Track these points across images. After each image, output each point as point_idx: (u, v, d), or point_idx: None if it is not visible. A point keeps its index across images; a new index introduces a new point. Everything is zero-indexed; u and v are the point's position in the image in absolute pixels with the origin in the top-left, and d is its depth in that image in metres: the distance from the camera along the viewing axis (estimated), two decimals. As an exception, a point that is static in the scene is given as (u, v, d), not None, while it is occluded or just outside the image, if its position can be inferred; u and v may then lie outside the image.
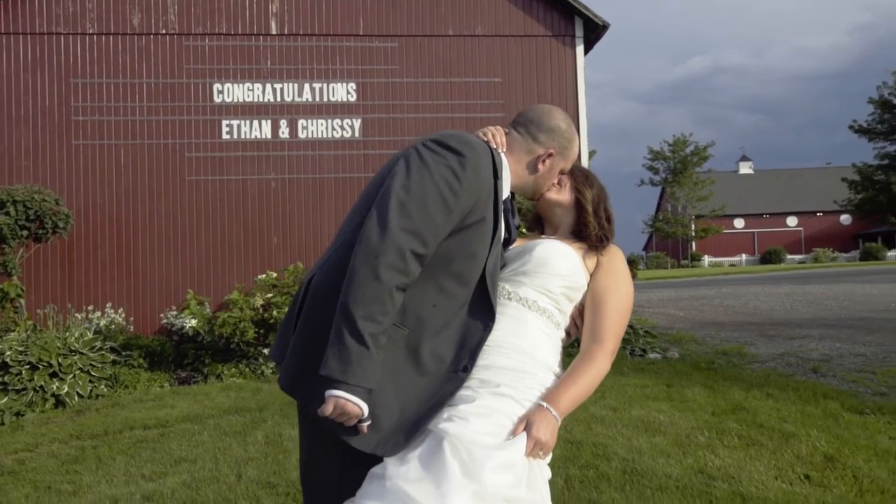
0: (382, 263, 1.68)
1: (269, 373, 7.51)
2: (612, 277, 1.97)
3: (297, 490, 3.89)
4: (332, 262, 1.91)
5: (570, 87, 9.80)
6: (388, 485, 1.61)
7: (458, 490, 1.54)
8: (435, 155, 1.83)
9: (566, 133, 2.06)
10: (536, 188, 2.09)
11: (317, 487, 1.98)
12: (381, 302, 1.67)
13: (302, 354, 1.86)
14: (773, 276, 27.21)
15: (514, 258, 2.01)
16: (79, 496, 4.19)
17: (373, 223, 1.75)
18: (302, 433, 2.03)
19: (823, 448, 4.14)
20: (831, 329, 9.49)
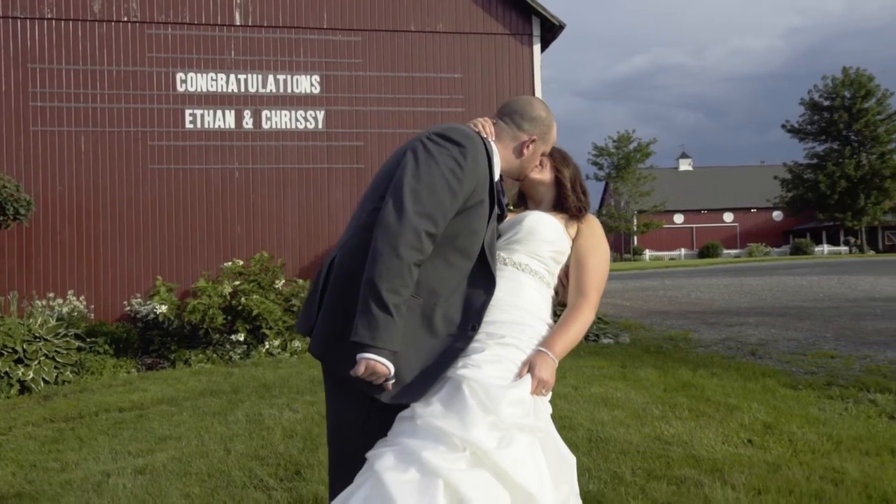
0: (402, 243, 1.96)
1: (237, 358, 7.66)
2: (591, 241, 2.32)
3: (287, 461, 4.14)
4: (352, 245, 2.18)
5: (527, 84, 10.16)
6: (420, 423, 1.90)
7: (478, 421, 1.85)
8: (439, 147, 2.11)
9: (546, 121, 2.37)
10: (522, 170, 2.39)
11: (343, 445, 2.23)
12: (402, 276, 1.95)
13: (329, 324, 2.12)
14: (712, 269, 28.38)
15: (507, 229, 2.33)
16: (68, 472, 4.32)
17: (390, 209, 2.03)
18: (329, 396, 2.29)
19: (763, 417, 4.60)
20: (766, 317, 10.16)
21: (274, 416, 5.17)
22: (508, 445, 1.84)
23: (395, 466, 1.82)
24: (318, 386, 6.17)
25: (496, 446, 1.83)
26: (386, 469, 1.81)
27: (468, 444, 1.82)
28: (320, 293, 2.21)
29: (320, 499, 3.50)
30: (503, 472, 1.79)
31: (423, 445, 1.84)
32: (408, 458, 1.83)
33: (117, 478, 4.08)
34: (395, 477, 1.78)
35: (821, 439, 4.11)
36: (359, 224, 2.21)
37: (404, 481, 1.77)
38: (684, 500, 3.23)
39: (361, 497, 1.81)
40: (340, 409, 2.24)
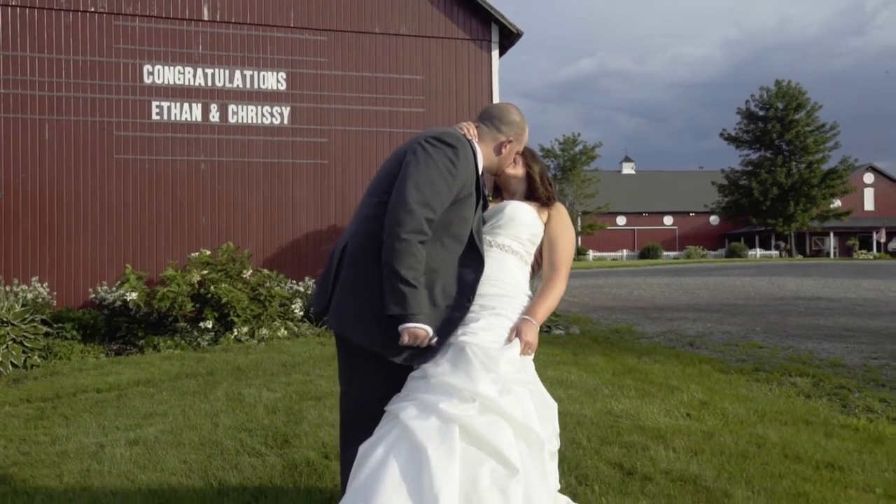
0: (408, 229, 2.38)
1: (206, 344, 7.90)
2: (560, 225, 2.79)
3: (274, 432, 4.48)
4: (361, 233, 2.59)
5: (485, 87, 10.63)
6: (433, 381, 2.33)
7: (482, 377, 2.29)
8: (436, 148, 2.54)
9: (520, 124, 2.82)
10: (500, 166, 2.84)
11: (359, 405, 2.63)
12: (413, 255, 2.38)
13: (346, 303, 2.52)
14: (652, 269, 29.52)
15: (491, 216, 2.78)
16: (60, 445, 4.56)
17: (396, 201, 2.45)
18: (344, 366, 2.69)
19: (700, 396, 5.17)
20: (703, 312, 10.90)
21: (253, 395, 5.49)
22: (508, 394, 2.29)
23: (418, 416, 2.23)
24: (292, 369, 6.51)
25: (498, 396, 2.27)
26: (410, 418, 2.22)
27: (476, 396, 2.26)
28: (333, 276, 2.61)
29: (312, 463, 3.87)
30: (507, 415, 2.24)
31: (438, 399, 2.27)
32: (427, 409, 2.25)
33: (112, 448, 4.35)
34: (419, 424, 2.20)
35: (748, 413, 4.70)
36: (366, 214, 2.61)
37: (426, 427, 2.19)
38: (633, 460, 3.74)
39: (390, 441, 2.22)
40: (356, 375, 2.64)
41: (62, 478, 3.89)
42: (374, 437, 2.30)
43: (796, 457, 3.75)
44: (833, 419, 4.55)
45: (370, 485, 2.14)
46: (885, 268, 22.10)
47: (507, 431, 2.22)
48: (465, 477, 2.14)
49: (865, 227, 51.31)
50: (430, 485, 2.07)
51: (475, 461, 2.17)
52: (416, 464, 2.14)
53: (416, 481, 2.11)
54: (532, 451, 2.29)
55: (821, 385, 5.61)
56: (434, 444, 2.15)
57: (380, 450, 2.22)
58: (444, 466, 2.11)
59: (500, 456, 2.18)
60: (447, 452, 2.14)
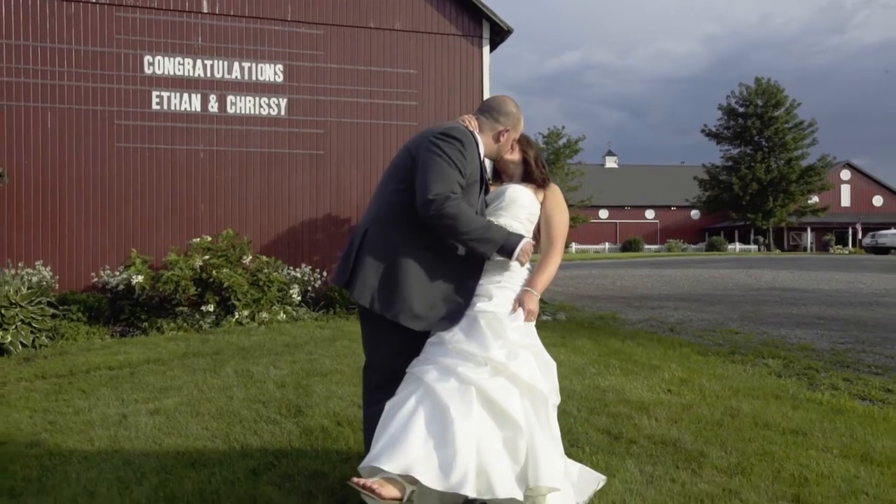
0: (443, 210, 2.71)
1: (207, 327, 8.19)
2: (555, 204, 3.14)
3: (287, 403, 4.82)
4: (381, 218, 2.92)
5: (476, 82, 10.97)
6: (450, 347, 2.68)
7: (493, 344, 2.64)
8: (447, 143, 2.88)
9: (516, 115, 3.18)
10: (499, 153, 3.19)
11: (380, 371, 2.97)
12: (458, 218, 2.71)
13: (371, 279, 2.86)
14: (635, 261, 30.08)
15: (493, 199, 3.13)
16: (83, 415, 4.86)
17: (421, 198, 2.76)
18: (367, 335, 3.03)
19: (679, 374, 5.58)
20: (683, 302, 11.35)
21: (262, 372, 5.82)
22: (515, 358, 2.64)
23: (439, 378, 2.58)
24: (295, 349, 6.83)
25: (507, 360, 2.63)
26: (433, 380, 2.57)
27: (489, 360, 2.61)
28: (355, 254, 2.95)
29: (326, 429, 4.21)
30: (515, 376, 2.59)
31: (456, 363, 2.61)
32: (447, 373, 2.60)
33: (135, 417, 4.67)
34: (441, 386, 2.54)
35: (723, 389, 5.11)
36: (386, 200, 2.95)
37: (448, 388, 2.54)
38: (619, 427, 4.12)
39: (416, 399, 2.55)
40: (379, 342, 2.99)
41: (93, 442, 4.20)
42: (401, 396, 2.63)
43: (765, 424, 4.15)
44: (800, 394, 4.97)
45: (399, 436, 2.46)
46: (858, 262, 22.77)
47: (514, 394, 2.58)
48: (478, 432, 2.50)
49: (842, 222, 52.35)
50: (452, 439, 2.42)
51: (487, 420, 2.54)
52: (440, 419, 2.49)
53: (439, 435, 2.45)
54: (537, 406, 2.66)
55: (791, 366, 6.03)
56: (455, 402, 2.50)
57: (407, 406, 2.55)
58: (464, 424, 2.46)
59: (507, 416, 2.55)
60: (466, 411, 2.50)
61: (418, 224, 2.82)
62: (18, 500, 3.36)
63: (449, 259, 2.89)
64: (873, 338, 7.41)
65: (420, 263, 2.82)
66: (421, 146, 2.90)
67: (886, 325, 8.25)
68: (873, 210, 55.87)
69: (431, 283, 2.84)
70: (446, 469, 2.39)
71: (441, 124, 3.00)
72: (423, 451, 2.41)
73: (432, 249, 2.86)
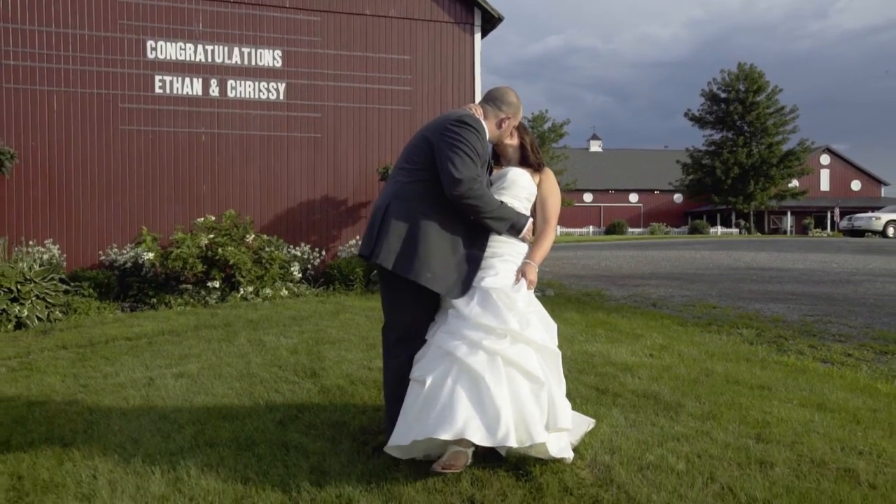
0: (468, 192, 3.14)
1: (214, 302, 8.58)
2: (549, 186, 3.58)
3: (302, 367, 5.24)
4: (401, 193, 3.33)
5: (468, 68, 11.34)
6: (471, 321, 3.10)
7: (507, 316, 3.07)
8: (463, 129, 3.30)
9: (517, 104, 3.60)
10: (500, 138, 3.62)
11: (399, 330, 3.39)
12: (482, 198, 3.16)
13: (395, 248, 3.26)
14: (619, 243, 30.67)
15: (495, 180, 3.55)
16: (112, 378, 5.26)
17: (448, 179, 3.17)
18: (388, 298, 3.43)
19: (660, 342, 6.06)
20: (665, 280, 11.87)
21: (273, 341, 6.24)
22: (528, 325, 3.09)
23: (469, 353, 3.01)
24: (301, 321, 7.25)
25: (522, 328, 3.07)
26: (464, 356, 3.00)
27: (507, 332, 3.05)
28: (378, 227, 3.36)
29: (342, 387, 4.65)
30: (531, 341, 3.04)
31: (479, 336, 3.05)
32: (475, 346, 3.03)
33: (162, 380, 5.08)
34: (472, 359, 2.98)
35: (700, 353, 5.60)
36: (406, 181, 3.35)
37: (479, 361, 2.98)
38: (606, 384, 4.60)
39: (454, 376, 2.97)
40: (398, 305, 3.39)
41: (127, 401, 4.61)
42: (439, 374, 3.02)
43: (736, 381, 4.65)
44: (769, 358, 5.47)
45: (447, 409, 2.91)
46: (834, 244, 23.47)
47: (532, 356, 3.04)
48: (510, 393, 2.96)
49: (821, 206, 53.34)
50: (491, 403, 2.89)
51: (515, 381, 2.99)
52: (478, 388, 2.94)
53: (480, 402, 2.92)
54: (549, 362, 3.13)
55: (762, 335, 6.54)
56: (487, 372, 2.95)
57: (448, 383, 2.98)
58: (498, 389, 2.93)
59: (530, 375, 3.01)
60: (498, 378, 2.96)
61: (433, 200, 3.25)
62: (70, 448, 3.76)
63: (459, 231, 3.32)
64: (840, 311, 7.95)
65: (436, 234, 3.25)
66: (439, 132, 3.29)
67: (853, 300, 8.79)
68: (852, 194, 56.92)
69: (445, 251, 3.27)
70: (492, 429, 2.86)
71: (454, 111, 3.41)
72: (471, 417, 2.88)
73: (446, 223, 3.28)
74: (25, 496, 3.21)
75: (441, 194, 3.21)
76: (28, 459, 3.63)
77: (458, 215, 3.29)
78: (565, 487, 2.98)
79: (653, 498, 2.84)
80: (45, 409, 4.52)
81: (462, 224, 3.32)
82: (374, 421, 3.94)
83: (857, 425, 3.70)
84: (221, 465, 3.36)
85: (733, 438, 3.50)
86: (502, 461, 3.22)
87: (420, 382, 3.08)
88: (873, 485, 2.94)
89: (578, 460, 3.25)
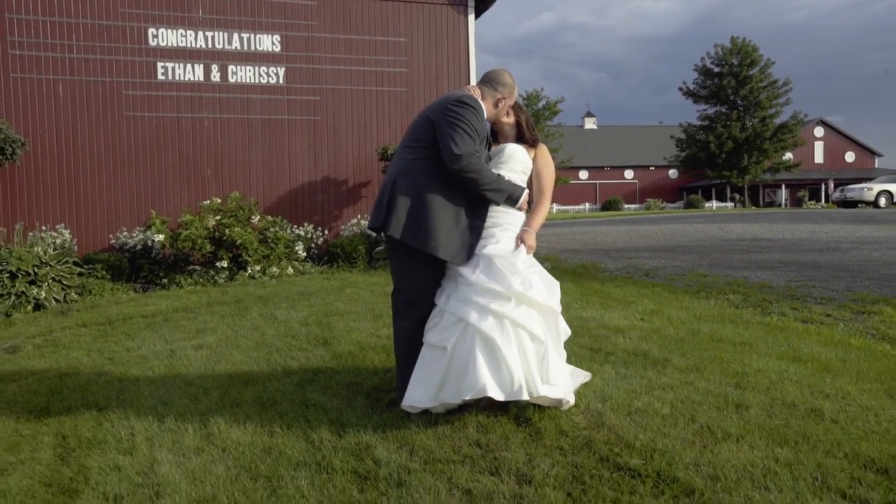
0: (466, 166, 3.45)
1: (222, 281, 8.89)
2: (544, 160, 3.88)
3: (314, 336, 5.57)
4: (408, 170, 3.62)
5: (462, 48, 11.58)
6: (478, 287, 3.41)
7: (511, 280, 3.39)
8: (465, 108, 3.60)
9: (511, 85, 3.89)
10: (497, 116, 3.92)
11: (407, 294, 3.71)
12: (480, 172, 3.47)
13: (404, 219, 3.57)
14: (614, 219, 31.02)
15: (494, 155, 3.86)
16: (135, 351, 5.59)
17: (449, 155, 3.48)
18: (396, 265, 3.75)
19: (651, 307, 6.41)
20: (658, 252, 12.21)
21: (284, 315, 6.56)
22: (530, 287, 3.41)
23: (480, 318, 3.33)
24: (309, 297, 7.57)
25: (525, 290, 3.39)
26: (476, 321, 3.31)
27: (512, 294, 3.37)
28: (388, 201, 3.67)
29: (353, 353, 4.98)
30: (534, 302, 3.37)
31: (487, 301, 3.36)
32: (484, 311, 3.35)
33: (183, 352, 5.41)
34: (483, 324, 3.30)
35: (688, 316, 5.95)
36: (411, 158, 3.66)
37: (489, 324, 3.30)
38: (599, 344, 4.94)
39: (468, 341, 3.31)
40: (406, 271, 3.71)
41: (153, 370, 4.94)
42: (458, 340, 3.35)
43: (720, 339, 4.99)
44: (753, 319, 5.82)
45: (466, 372, 3.27)
46: (826, 215, 23.81)
47: (535, 316, 3.37)
48: (518, 352, 3.29)
49: (815, 178, 53.68)
50: (505, 364, 3.25)
51: (523, 340, 3.33)
52: (491, 350, 3.28)
53: (495, 363, 3.27)
54: (549, 320, 3.46)
55: (748, 300, 6.88)
56: (497, 335, 3.28)
57: (464, 348, 3.32)
58: (509, 349, 3.28)
59: (533, 335, 3.35)
60: (508, 338, 3.30)
61: (436, 174, 3.56)
62: (105, 412, 4.09)
63: (461, 203, 3.63)
64: (824, 276, 8.29)
65: (440, 206, 3.56)
66: (440, 112, 3.59)
67: (838, 266, 9.14)
68: (846, 166, 57.25)
69: (449, 222, 3.58)
70: (507, 385, 3.25)
71: (454, 93, 3.71)
72: (488, 376, 3.24)
73: (449, 195, 3.59)
74: (72, 452, 3.54)
75: (443, 169, 3.52)
76: (69, 422, 3.96)
77: (460, 188, 3.59)
78: (561, 430, 3.32)
79: (639, 436, 3.18)
80: (77, 379, 4.85)
81: (464, 196, 3.62)
82: (385, 381, 4.28)
83: (828, 373, 4.05)
84: (248, 422, 3.70)
85: (714, 387, 3.84)
86: (506, 409, 3.57)
87: (441, 349, 3.40)
88: (835, 420, 3.29)
89: (573, 408, 3.59)
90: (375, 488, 2.89)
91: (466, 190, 3.61)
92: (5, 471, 3.37)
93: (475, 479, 2.90)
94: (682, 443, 3.10)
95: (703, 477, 2.77)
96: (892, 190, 29.10)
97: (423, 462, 3.08)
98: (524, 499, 2.71)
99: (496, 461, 3.04)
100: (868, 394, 3.66)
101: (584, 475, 2.86)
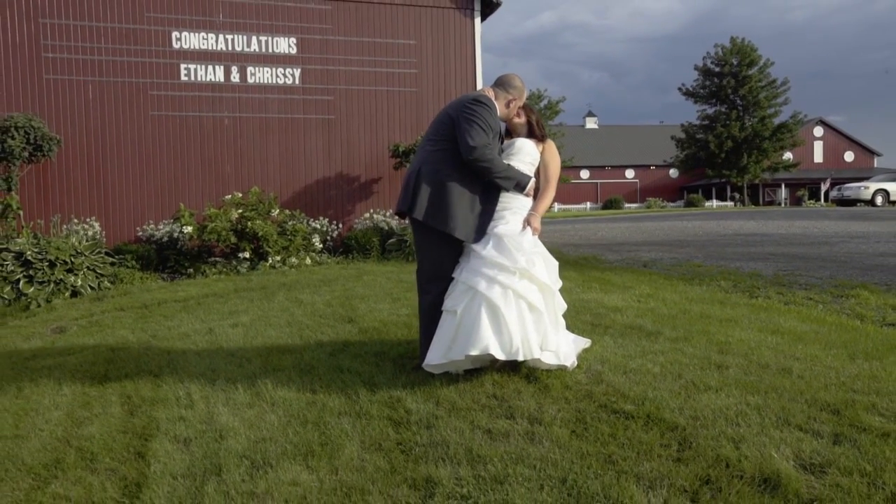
0: (480, 157, 3.99)
1: (244, 271, 9.44)
2: (551, 154, 4.42)
3: (339, 316, 6.11)
4: (430, 160, 4.17)
5: (469, 50, 12.12)
6: (488, 260, 3.95)
7: (517, 256, 3.93)
8: (480, 106, 4.14)
9: (521, 88, 4.43)
10: (508, 115, 4.46)
11: (431, 270, 4.25)
12: (492, 161, 4.00)
13: (427, 204, 4.11)
14: (614, 217, 31.53)
15: (506, 147, 4.39)
16: (176, 330, 6.13)
17: (465, 148, 4.02)
18: (420, 244, 4.30)
19: (648, 291, 6.94)
20: (656, 246, 12.74)
21: (308, 298, 7.10)
22: (534, 265, 3.95)
23: (488, 287, 3.86)
24: (330, 283, 8.12)
25: (528, 266, 3.93)
26: (484, 289, 3.84)
27: (517, 269, 3.91)
28: (413, 189, 4.20)
29: (378, 328, 5.52)
30: (535, 278, 3.90)
31: (495, 273, 3.90)
32: (492, 281, 3.88)
33: (221, 329, 5.94)
34: (490, 293, 3.83)
35: (681, 298, 6.48)
36: (433, 150, 4.20)
37: (495, 293, 3.83)
38: (599, 320, 5.48)
39: (477, 304, 3.83)
40: (430, 250, 4.25)
41: (196, 344, 5.48)
42: (467, 304, 3.88)
43: (708, 316, 5.53)
44: (740, 302, 6.35)
45: (473, 332, 3.78)
46: (822, 212, 24.33)
47: (535, 290, 3.91)
48: (518, 319, 3.83)
49: (814, 178, 54.17)
50: (506, 328, 3.77)
51: (522, 309, 3.87)
52: (496, 315, 3.81)
53: (498, 326, 3.80)
54: (547, 296, 4.00)
55: (738, 285, 7.42)
56: (502, 302, 3.82)
57: (472, 311, 3.84)
58: (511, 316, 3.81)
59: (533, 306, 3.89)
60: (510, 307, 3.83)
61: (455, 164, 4.10)
62: (161, 377, 4.63)
63: (476, 190, 4.17)
64: (811, 266, 8.82)
65: (458, 192, 4.10)
66: (459, 109, 4.14)
67: (825, 258, 9.67)
68: (845, 166, 57.72)
69: (465, 206, 4.12)
70: (507, 346, 3.78)
71: (471, 93, 4.25)
72: (491, 336, 3.77)
73: (465, 183, 4.13)
74: (138, 407, 4.08)
75: (461, 160, 4.06)
76: (129, 385, 4.49)
77: (475, 177, 4.13)
78: (566, 385, 3.86)
79: (633, 389, 3.72)
80: (128, 352, 5.39)
81: (479, 184, 4.16)
82: (410, 350, 4.82)
83: (801, 342, 4.59)
84: (290, 382, 4.23)
85: (699, 352, 4.38)
86: (517, 370, 4.11)
87: (452, 313, 3.95)
88: (802, 376, 3.83)
89: (576, 369, 4.13)
90: (409, 429, 3.42)
91: (481, 178, 4.14)
92: (84, 422, 3.91)
93: (493, 421, 3.43)
94: (670, 393, 3.64)
95: (686, 417, 3.31)
96: (888, 188, 29.63)
97: (448, 410, 3.62)
98: (535, 435, 3.25)
99: (511, 409, 3.58)
100: (833, 357, 4.20)
101: (586, 417, 3.39)
